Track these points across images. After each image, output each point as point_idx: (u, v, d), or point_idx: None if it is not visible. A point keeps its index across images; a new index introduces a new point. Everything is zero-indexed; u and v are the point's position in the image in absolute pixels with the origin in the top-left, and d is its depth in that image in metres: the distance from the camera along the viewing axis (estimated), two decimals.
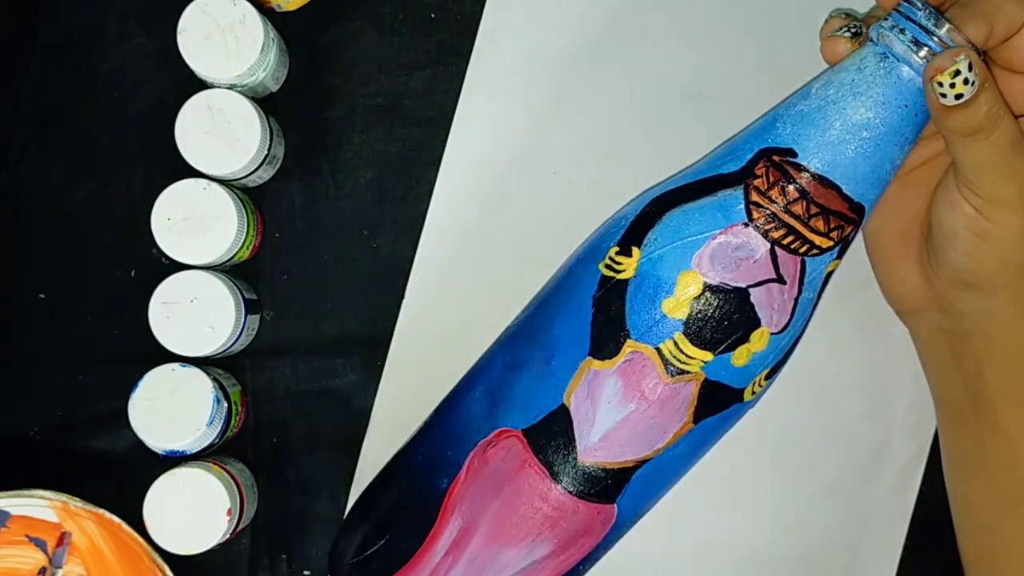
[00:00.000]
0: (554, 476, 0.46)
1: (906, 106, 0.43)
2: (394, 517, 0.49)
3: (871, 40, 0.44)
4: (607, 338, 0.45)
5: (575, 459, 0.45)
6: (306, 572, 0.54)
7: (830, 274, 0.46)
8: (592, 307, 0.46)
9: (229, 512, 0.49)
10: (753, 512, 0.55)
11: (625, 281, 0.45)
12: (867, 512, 0.55)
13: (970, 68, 0.41)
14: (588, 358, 0.45)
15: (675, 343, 0.44)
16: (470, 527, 0.47)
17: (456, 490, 0.47)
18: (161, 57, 0.54)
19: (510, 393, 0.47)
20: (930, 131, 0.45)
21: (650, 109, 0.55)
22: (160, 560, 0.48)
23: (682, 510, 0.54)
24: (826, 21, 0.47)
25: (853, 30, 0.46)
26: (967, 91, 0.42)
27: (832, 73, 0.45)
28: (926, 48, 0.42)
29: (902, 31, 0.43)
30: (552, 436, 0.45)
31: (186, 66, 0.50)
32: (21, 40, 0.54)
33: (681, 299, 0.44)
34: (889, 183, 0.45)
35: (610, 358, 0.45)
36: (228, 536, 0.50)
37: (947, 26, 0.42)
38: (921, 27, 0.43)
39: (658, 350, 0.44)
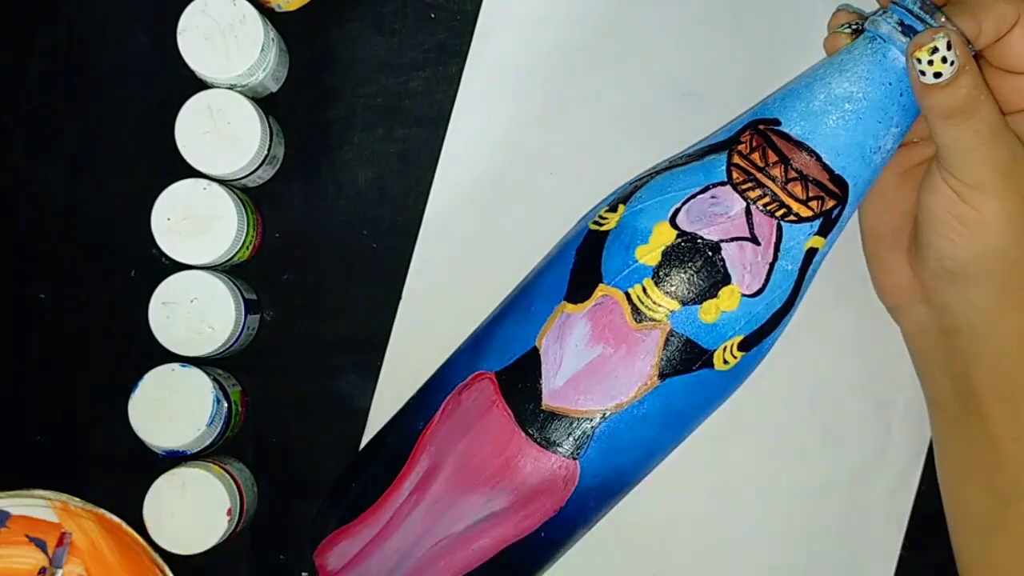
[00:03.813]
0: (519, 420, 0.46)
1: (890, 84, 0.45)
2: (375, 457, 0.50)
3: (865, 30, 0.46)
4: (581, 283, 0.46)
5: (539, 402, 0.46)
6: (304, 573, 0.54)
7: (812, 251, 0.46)
8: (575, 257, 0.47)
9: (229, 512, 0.49)
10: (752, 512, 0.55)
11: (607, 232, 0.46)
12: (865, 512, 0.55)
13: (949, 47, 0.42)
14: (563, 302, 0.46)
15: (643, 288, 0.45)
16: (436, 467, 0.47)
17: (429, 431, 0.48)
18: (161, 57, 0.54)
19: (491, 339, 0.48)
20: (929, 132, 0.46)
21: (646, 109, 0.55)
22: (160, 560, 0.48)
23: (681, 510, 0.54)
24: (834, 15, 0.48)
25: (855, 27, 0.47)
26: (946, 70, 0.43)
27: (825, 59, 0.47)
28: (913, 31, 0.44)
29: (892, 16, 0.44)
30: (521, 379, 0.46)
31: (186, 66, 0.50)
32: (21, 40, 0.54)
33: (654, 247, 0.45)
34: (876, 166, 0.46)
35: (582, 301, 0.46)
36: (228, 536, 0.50)
37: (937, 16, 0.44)
38: (911, 14, 0.44)
39: (627, 294, 0.45)
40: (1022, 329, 0.47)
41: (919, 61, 0.43)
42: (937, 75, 0.43)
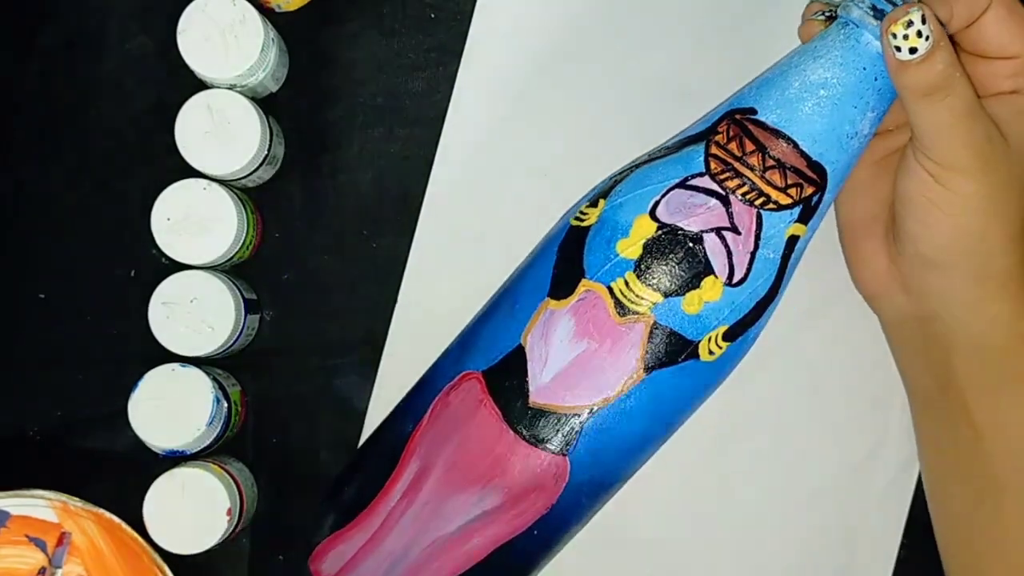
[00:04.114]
0: (507, 418, 0.46)
1: (864, 68, 0.45)
2: (366, 461, 0.50)
3: (838, 16, 0.46)
4: (564, 279, 0.46)
5: (526, 400, 0.46)
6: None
7: (794, 239, 0.46)
8: (556, 253, 0.47)
9: (229, 512, 0.49)
10: (750, 512, 0.55)
11: (588, 227, 0.46)
12: (863, 513, 0.55)
13: (923, 21, 0.42)
14: (547, 299, 0.46)
15: (626, 282, 0.45)
16: (426, 469, 0.47)
17: (419, 433, 0.47)
18: (161, 57, 0.54)
19: (476, 339, 0.48)
20: (906, 119, 0.46)
21: (641, 109, 0.55)
22: (160, 560, 0.48)
23: (677, 511, 0.54)
24: (808, 5, 0.49)
25: (828, 14, 0.47)
26: (921, 45, 0.42)
27: (799, 46, 0.47)
28: (884, 13, 0.44)
29: (864, 1, 0.44)
30: (507, 377, 0.46)
31: (186, 66, 0.50)
32: (21, 41, 0.54)
33: (635, 240, 0.45)
34: (854, 151, 0.46)
35: (565, 297, 0.46)
36: (228, 536, 0.50)
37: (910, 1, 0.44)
38: None
39: (609, 289, 0.45)
40: (1000, 317, 0.46)
41: (894, 36, 0.43)
42: (912, 51, 0.42)
